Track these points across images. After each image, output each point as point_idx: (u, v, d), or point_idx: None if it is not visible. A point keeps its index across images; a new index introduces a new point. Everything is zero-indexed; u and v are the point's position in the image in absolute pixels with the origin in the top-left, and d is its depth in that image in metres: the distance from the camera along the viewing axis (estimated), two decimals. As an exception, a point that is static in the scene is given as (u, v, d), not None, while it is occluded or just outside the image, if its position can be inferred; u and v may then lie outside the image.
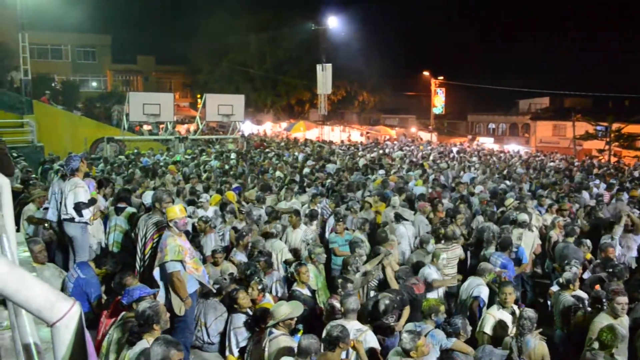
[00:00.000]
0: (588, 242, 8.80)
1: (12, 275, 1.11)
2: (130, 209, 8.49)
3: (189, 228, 8.71)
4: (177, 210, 5.99)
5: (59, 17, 35.77)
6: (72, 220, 7.06)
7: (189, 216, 8.97)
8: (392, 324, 6.22)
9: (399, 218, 9.81)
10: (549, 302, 7.59)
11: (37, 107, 23.14)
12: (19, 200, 8.70)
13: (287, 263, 8.26)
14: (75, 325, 1.14)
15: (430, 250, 8.06)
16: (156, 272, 5.89)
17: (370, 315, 5.99)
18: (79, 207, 6.99)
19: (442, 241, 8.66)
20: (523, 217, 9.47)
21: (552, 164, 22.90)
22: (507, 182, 15.34)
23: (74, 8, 35.76)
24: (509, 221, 9.66)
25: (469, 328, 5.53)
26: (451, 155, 25.19)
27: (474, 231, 9.91)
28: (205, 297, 6.29)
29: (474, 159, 23.63)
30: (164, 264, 5.74)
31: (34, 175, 13.03)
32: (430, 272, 7.31)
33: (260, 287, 6.23)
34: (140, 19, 49.14)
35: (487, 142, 41.35)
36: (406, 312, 6.57)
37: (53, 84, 35.74)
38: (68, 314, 1.14)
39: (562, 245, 8.87)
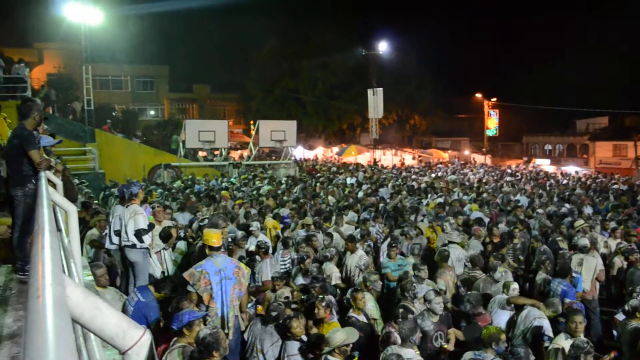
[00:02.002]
0: None
1: (87, 303, 1.15)
2: (182, 245, 8.93)
3: (243, 253, 8.87)
4: (215, 239, 6.25)
5: (119, 50, 37.55)
6: (133, 246, 7.31)
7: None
8: (444, 345, 6.11)
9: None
10: (614, 332, 7.24)
11: (98, 136, 24.10)
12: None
13: (337, 287, 8.26)
14: (146, 353, 1.17)
15: (498, 277, 7.82)
16: (237, 292, 6.13)
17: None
18: (139, 234, 7.24)
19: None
20: (583, 241, 9.11)
21: (615, 186, 21.97)
22: (567, 205, 14.85)
23: (133, 41, 37.49)
24: (556, 246, 9.36)
25: (532, 358, 5.31)
26: (505, 178, 24.64)
27: (537, 257, 9.56)
28: (264, 323, 6.27)
29: (517, 176, 23.01)
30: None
31: (96, 202, 13.52)
32: (501, 298, 7.12)
33: (324, 303, 6.20)
34: (195, 50, 50.88)
35: (544, 164, 40.23)
36: (453, 333, 6.42)
37: (114, 113, 37.19)
38: (139, 341, 1.16)
39: (632, 270, 8.49)
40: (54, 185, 5.38)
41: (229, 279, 6.04)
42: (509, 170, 29.84)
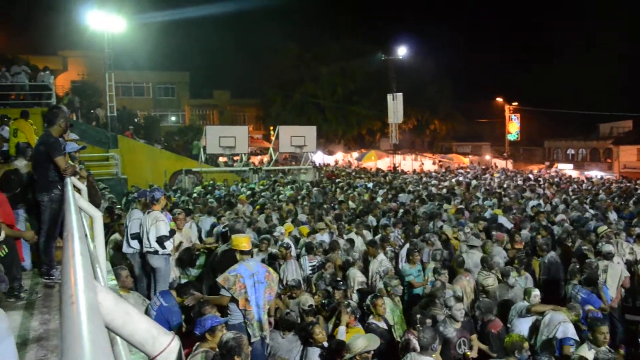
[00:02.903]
0: None
1: (118, 309, 1.17)
2: (201, 260, 9.09)
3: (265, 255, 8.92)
4: (244, 243, 6.39)
5: (141, 57, 38.10)
6: (155, 252, 7.41)
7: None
8: (467, 352, 6.06)
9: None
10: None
11: (121, 142, 24.39)
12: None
13: (361, 293, 8.24)
14: (175, 359, 1.19)
15: (512, 283, 7.74)
16: (267, 296, 6.23)
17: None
18: (161, 240, 7.34)
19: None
20: (608, 248, 8.95)
21: None
22: (591, 210, 14.62)
23: (155, 49, 38.00)
24: (581, 253, 9.21)
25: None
26: (527, 183, 24.36)
27: (543, 266, 9.38)
28: (280, 332, 6.28)
29: (540, 181, 22.71)
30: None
31: (118, 206, 13.69)
32: (523, 305, 7.03)
33: (349, 309, 6.22)
34: (215, 57, 51.36)
35: (567, 169, 39.72)
36: (475, 341, 6.36)
37: (136, 120, 37.67)
38: (168, 347, 1.18)
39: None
40: (78, 191, 5.47)
41: (261, 282, 6.13)
42: (530, 176, 29.51)
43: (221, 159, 29.55)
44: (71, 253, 1.37)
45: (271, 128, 46.47)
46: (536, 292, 7.10)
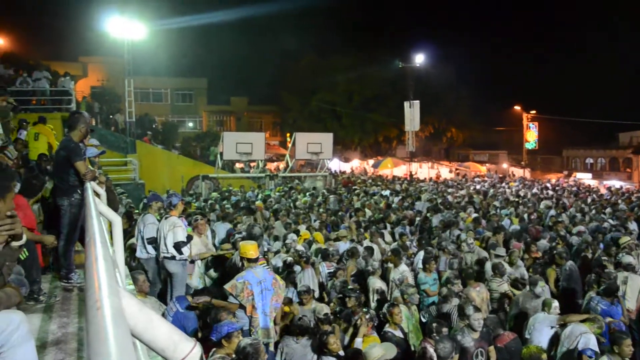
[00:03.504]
0: None
1: (141, 314, 1.18)
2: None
3: (279, 264, 8.93)
4: (252, 251, 6.42)
5: (160, 63, 38.48)
6: (172, 258, 7.44)
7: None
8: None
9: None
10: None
11: (139, 147, 24.62)
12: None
13: (378, 301, 8.20)
14: (196, 366, 1.19)
15: (539, 292, 7.65)
16: (274, 303, 6.23)
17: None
18: (178, 246, 7.37)
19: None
20: (628, 259, 8.82)
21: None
22: (610, 220, 14.42)
23: (174, 56, 38.34)
24: (599, 263, 9.09)
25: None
26: (546, 192, 24.11)
27: (564, 273, 9.26)
28: (297, 340, 6.25)
29: (558, 190, 22.43)
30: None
31: (136, 211, 13.80)
32: (544, 316, 6.93)
33: (367, 316, 6.19)
34: (233, 63, 51.71)
35: (585, 178, 39.25)
36: (493, 352, 6.28)
37: (154, 125, 38.06)
38: (190, 354, 1.19)
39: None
40: (97, 196, 5.52)
41: (268, 290, 6.13)
42: (548, 185, 29.21)
43: (238, 165, 29.66)
44: (94, 258, 1.38)
45: (288, 135, 46.62)
46: (555, 304, 7.01)
